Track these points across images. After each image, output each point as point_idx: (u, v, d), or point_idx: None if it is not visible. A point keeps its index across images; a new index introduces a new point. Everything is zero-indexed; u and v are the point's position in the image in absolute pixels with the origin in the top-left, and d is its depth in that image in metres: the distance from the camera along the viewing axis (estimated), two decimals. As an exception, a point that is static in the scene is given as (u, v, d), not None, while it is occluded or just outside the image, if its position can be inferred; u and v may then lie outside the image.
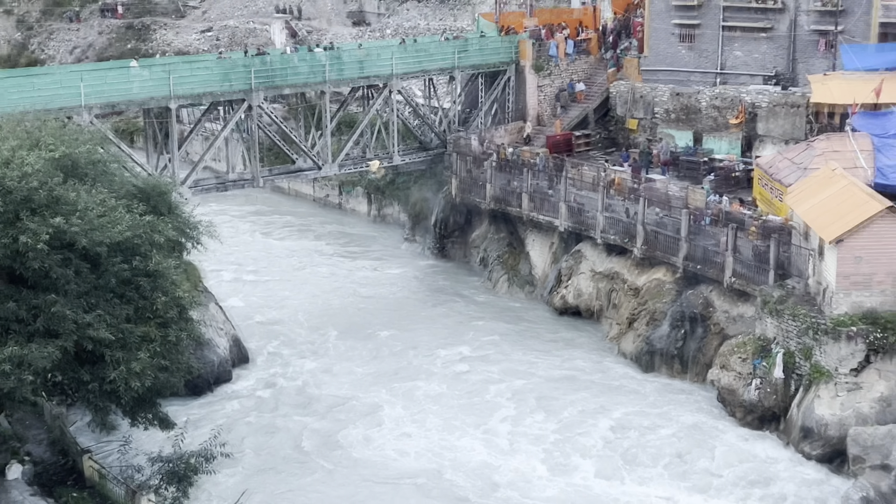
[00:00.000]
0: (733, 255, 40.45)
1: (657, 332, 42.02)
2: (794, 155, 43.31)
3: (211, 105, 48.58)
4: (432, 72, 54.95)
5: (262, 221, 62.91)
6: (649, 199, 44.78)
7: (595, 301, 46.70)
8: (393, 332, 45.95)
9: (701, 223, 42.50)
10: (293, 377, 41.83)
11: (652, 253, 44.31)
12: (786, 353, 36.26)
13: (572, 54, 58.51)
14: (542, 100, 57.38)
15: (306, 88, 51.13)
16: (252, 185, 49.93)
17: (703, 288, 41.92)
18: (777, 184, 42.13)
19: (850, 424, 34.12)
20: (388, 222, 62.06)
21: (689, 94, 53.90)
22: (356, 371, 42.23)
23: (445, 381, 41.13)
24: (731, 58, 54.00)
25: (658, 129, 54.72)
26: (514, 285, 50.92)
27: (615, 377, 41.34)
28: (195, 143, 62.71)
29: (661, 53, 55.96)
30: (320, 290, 51.29)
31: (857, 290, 34.97)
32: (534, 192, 49.95)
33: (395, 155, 53.95)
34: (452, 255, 55.42)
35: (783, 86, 51.67)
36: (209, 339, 40.57)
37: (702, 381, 40.42)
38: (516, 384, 40.66)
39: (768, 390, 36.53)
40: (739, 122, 51.54)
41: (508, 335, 45.49)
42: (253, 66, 47.46)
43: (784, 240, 39.25)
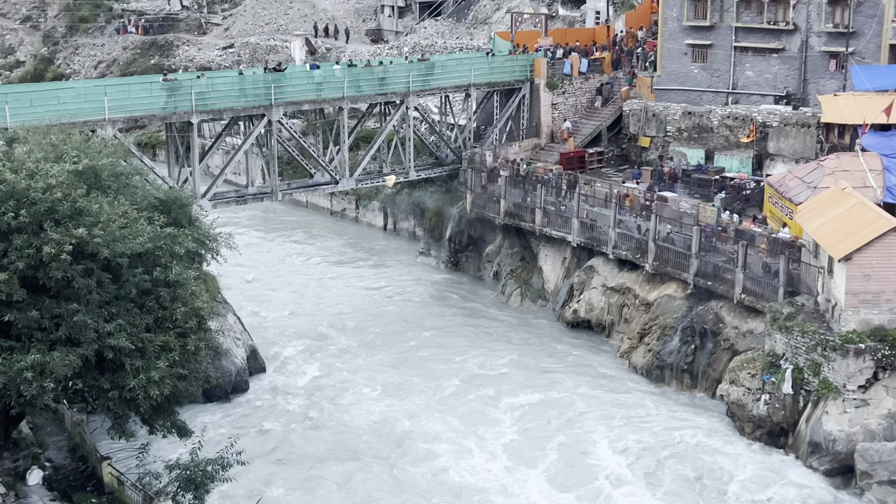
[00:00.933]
0: (743, 272, 40.37)
1: (668, 347, 41.94)
2: (804, 173, 43.24)
3: (232, 120, 48.83)
4: (448, 89, 55.12)
5: (280, 234, 63.07)
6: (661, 216, 44.73)
7: (606, 315, 46.65)
8: (407, 343, 45.97)
9: (711, 240, 42.46)
10: (308, 387, 41.87)
11: (663, 268, 44.26)
12: (795, 368, 36.14)
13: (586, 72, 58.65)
14: (556, 117, 57.48)
15: (325, 104, 51.32)
16: (271, 199, 50.13)
17: (713, 303, 41.84)
18: (787, 202, 42.06)
19: (858, 440, 33.96)
20: (403, 236, 62.17)
21: (701, 112, 53.89)
22: (371, 381, 42.24)
23: (459, 392, 41.10)
24: (743, 77, 53.99)
25: (670, 146, 54.71)
26: (527, 299, 50.92)
27: (626, 391, 41.24)
28: (216, 157, 63.12)
29: (674, 73, 56.01)
30: (336, 302, 51.37)
31: (866, 307, 34.87)
32: (547, 208, 49.98)
33: (410, 170, 54.10)
34: (466, 268, 55.47)
35: (794, 105, 51.65)
36: (227, 349, 40.68)
37: (711, 396, 40.31)
38: (526, 396, 40.59)
39: (777, 405, 36.40)
40: (751, 141, 51.51)
41: (520, 348, 45.46)
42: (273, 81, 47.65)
43: (794, 257, 39.16)
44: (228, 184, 59.69)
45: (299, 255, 59.21)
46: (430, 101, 62.34)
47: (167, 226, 30.12)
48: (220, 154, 64.46)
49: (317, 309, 50.42)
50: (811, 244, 38.29)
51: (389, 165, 54.80)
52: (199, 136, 53.85)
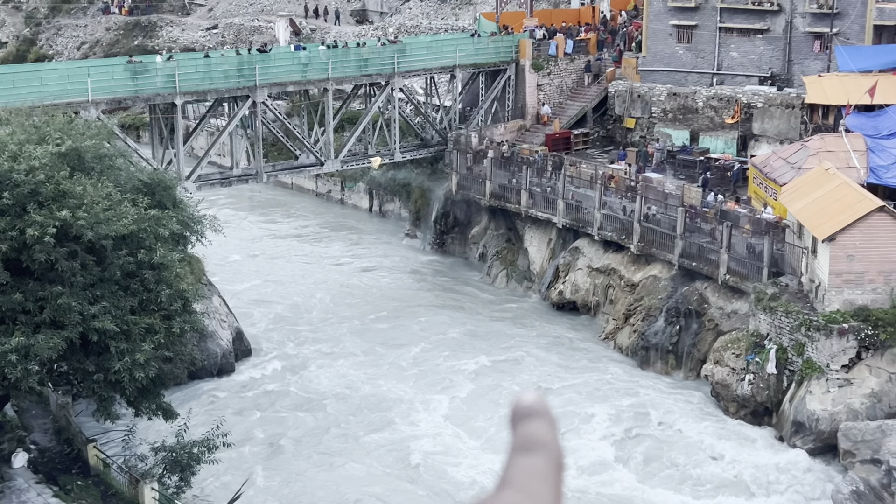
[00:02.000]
0: (728, 252, 40.49)
1: (653, 328, 42.07)
2: (788, 154, 43.33)
3: (216, 101, 48.59)
4: (433, 70, 54.96)
5: (265, 216, 62.91)
6: (646, 197, 44.80)
7: (592, 296, 46.75)
8: (394, 325, 45.98)
9: (696, 221, 42.57)
10: (295, 369, 41.87)
11: (648, 249, 44.36)
12: (779, 348, 36.30)
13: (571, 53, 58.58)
14: (542, 98, 57.43)
15: (309, 85, 51.14)
16: (255, 180, 49.98)
17: (698, 284, 41.96)
18: (771, 182, 42.17)
19: (841, 419, 34.16)
20: (389, 218, 62.09)
21: (686, 93, 53.91)
22: (357, 363, 42.26)
23: (444, 373, 41.17)
24: (728, 58, 54.03)
25: (655, 127, 54.75)
26: (513, 280, 50.98)
27: (611, 371, 41.38)
28: (200, 139, 62.77)
29: (659, 53, 56.00)
30: (322, 284, 51.31)
31: (849, 287, 35.02)
32: (532, 189, 49.99)
33: (396, 151, 53.98)
34: (452, 250, 55.46)
35: (778, 86, 51.73)
36: (212, 331, 40.62)
37: (696, 376, 40.47)
38: (512, 376, 40.69)
39: (761, 385, 36.57)
40: (735, 121, 51.59)
41: (506, 329, 45.54)
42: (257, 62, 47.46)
43: (778, 237, 39.28)
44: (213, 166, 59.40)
45: (285, 237, 59.08)
46: (415, 83, 62.18)
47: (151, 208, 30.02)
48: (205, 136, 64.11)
49: (303, 291, 50.35)
50: (795, 225, 38.42)
51: (374, 147, 54.65)
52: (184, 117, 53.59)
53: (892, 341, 34.55)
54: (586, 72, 58.24)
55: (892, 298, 34.84)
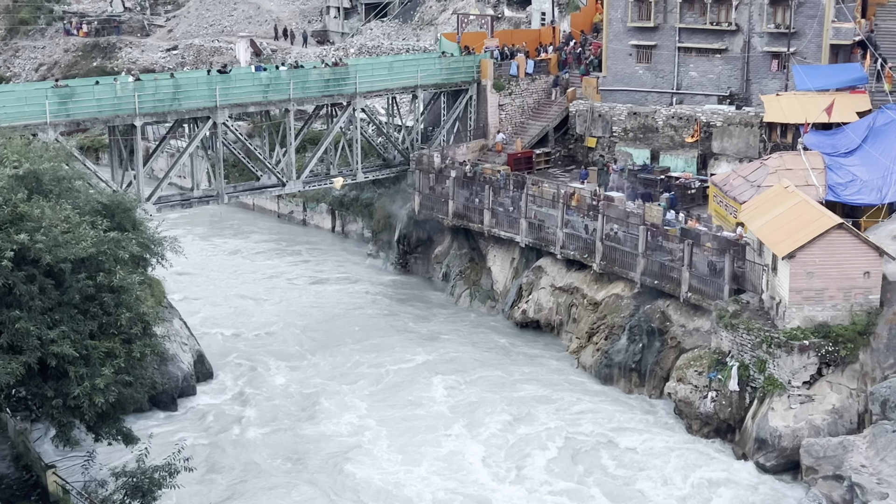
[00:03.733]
0: (689, 270, 40.76)
1: (616, 346, 42.22)
2: (748, 172, 43.78)
3: (176, 122, 48.35)
4: (395, 90, 55.06)
5: (227, 238, 62.57)
6: (608, 216, 45.05)
7: (555, 315, 46.87)
8: (356, 346, 45.81)
9: (658, 239, 42.85)
10: (256, 392, 41.59)
11: (610, 268, 44.57)
12: (740, 365, 36.54)
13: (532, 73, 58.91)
14: (504, 118, 57.66)
15: (271, 106, 51.05)
16: (217, 202, 49.71)
17: (660, 302, 42.19)
18: (731, 200, 42.55)
19: (804, 436, 34.42)
20: (351, 238, 62.00)
21: (646, 112, 54.38)
22: (319, 385, 42.04)
23: (408, 394, 41.03)
24: (687, 78, 54.59)
25: (616, 146, 55.13)
26: (476, 300, 51.02)
27: (575, 390, 41.45)
28: (160, 160, 62.48)
29: (619, 73, 56.47)
30: (284, 306, 51.08)
31: (810, 304, 35.34)
32: (495, 209, 50.11)
33: (358, 172, 53.94)
34: (415, 270, 55.45)
35: (737, 105, 52.34)
36: (173, 355, 40.29)
37: (659, 394, 40.66)
38: (475, 397, 40.63)
39: (724, 402, 36.79)
40: (695, 140, 52.08)
41: (469, 349, 45.52)
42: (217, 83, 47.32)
43: (739, 255, 39.61)
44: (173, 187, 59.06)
45: (246, 258, 58.76)
46: (377, 103, 62.24)
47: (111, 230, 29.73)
48: (165, 157, 63.81)
49: (264, 312, 50.08)
50: (755, 242, 38.76)
51: (337, 167, 54.59)
52: (143, 138, 53.27)
53: (853, 357, 34.91)
54: (554, 87, 58.51)
55: (851, 315, 35.21)
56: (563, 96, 57.85)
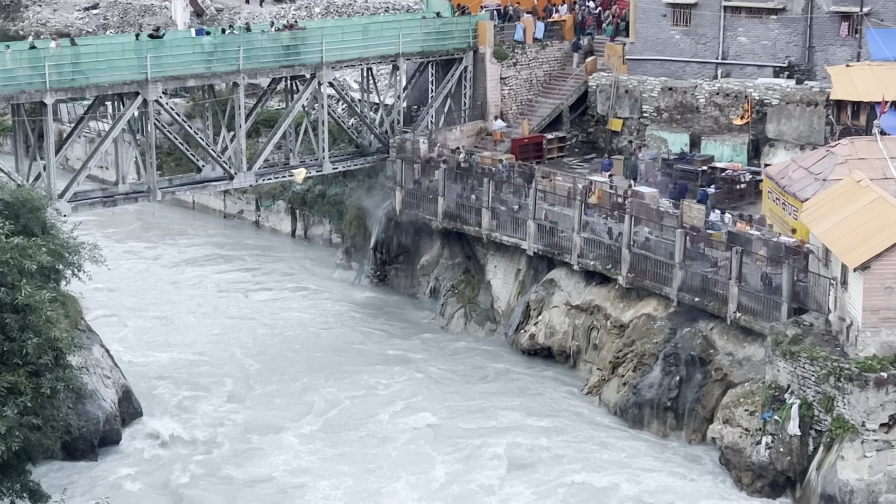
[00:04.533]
0: (738, 285, 40.83)
1: (646, 380, 42.26)
2: (810, 163, 43.90)
3: (96, 99, 48.30)
4: (371, 59, 55.06)
5: (160, 244, 62.49)
6: (637, 216, 45.11)
7: (571, 341, 46.90)
8: (321, 381, 45.75)
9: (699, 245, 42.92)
10: (195, 436, 41.55)
11: (640, 282, 44.61)
12: (802, 403, 36.59)
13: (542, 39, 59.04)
14: (507, 94, 57.77)
15: (215, 79, 51.00)
16: (148, 199, 49.64)
17: (702, 325, 42.24)
18: (790, 198, 42.65)
19: (881, 492, 34.47)
20: (316, 244, 61.97)
21: (684, 88, 54.51)
22: (272, 430, 41.99)
23: (385, 444, 40.99)
24: (735, 45, 54.74)
25: (647, 130, 55.22)
26: (473, 322, 51.05)
27: (595, 435, 41.45)
28: (77, 147, 62.34)
29: (651, 39, 56.61)
30: (231, 330, 51.03)
31: (888, 326, 35.41)
32: (496, 208, 50.14)
33: (325, 161, 53.92)
34: (396, 284, 55.45)
35: (797, 78, 52.48)
36: (93, 390, 40.20)
37: (701, 439, 40.70)
38: (475, 448, 40.56)
39: (781, 450, 36.83)
40: (745, 123, 52.20)
41: (464, 384, 45.51)
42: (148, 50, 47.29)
43: (799, 266, 39.68)
44: (93, 181, 59.03)
45: (185, 270, 58.71)
46: (348, 76, 62.25)
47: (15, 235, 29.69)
48: (83, 143, 63.74)
49: (208, 338, 50.04)
50: (820, 250, 38.85)
51: (298, 156, 54.57)
52: (56, 120, 53.22)
53: (942, 393, 35.02)
54: (575, 51, 58.59)
55: (940, 340, 35.35)
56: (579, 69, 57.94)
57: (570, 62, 59.28)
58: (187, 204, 67.76)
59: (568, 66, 59.16)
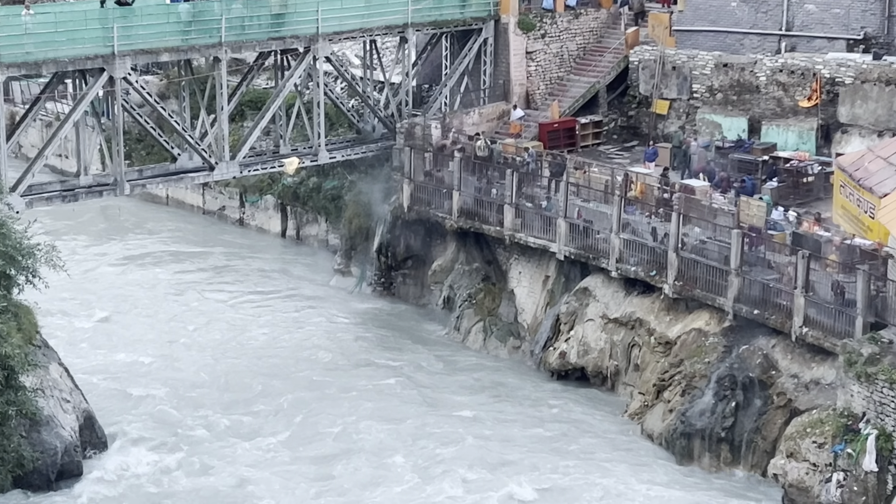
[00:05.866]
0: (805, 295, 40.80)
1: (697, 406, 42.27)
2: (890, 152, 43.84)
3: (55, 76, 48.40)
4: (375, 31, 55.08)
5: (129, 245, 62.66)
6: (686, 215, 45.10)
7: (608, 360, 46.94)
8: (314, 409, 45.76)
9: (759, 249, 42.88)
10: (165, 470, 41.60)
11: (690, 291, 44.62)
12: (880, 434, 36.55)
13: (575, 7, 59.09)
14: (534, 71, 57.75)
15: (193, 53, 51.07)
16: (114, 193, 49.74)
17: (762, 342, 42.23)
18: (867, 193, 42.60)
19: (973, 538, 34.47)
20: (310, 246, 62.11)
21: (741, 64, 54.50)
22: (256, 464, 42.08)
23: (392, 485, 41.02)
24: (802, 13, 54.71)
25: (698, 113, 55.23)
26: (493, 337, 51.09)
27: (637, 470, 41.46)
28: (32, 132, 62.50)
29: (703, 7, 56.63)
30: (210, 347, 51.11)
31: (981, 344, 35.41)
32: (521, 204, 50.15)
33: (321, 150, 53.98)
34: (403, 293, 55.54)
35: (875, 53, 52.37)
36: (49, 416, 40.21)
37: (761, 475, 40.70)
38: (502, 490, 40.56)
39: (855, 488, 36.78)
40: (814, 105, 52.15)
41: (485, 412, 45.51)
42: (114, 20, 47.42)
43: (877, 273, 39.62)
44: (51, 171, 59.16)
45: (158, 276, 58.84)
46: (348, 49, 62.33)
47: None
48: (39, 127, 63.91)
49: (182, 356, 50.14)
50: (902, 254, 38.84)
51: (290, 144, 54.63)
52: (8, 100, 53.34)
53: None
54: (623, 6, 58.46)
55: None
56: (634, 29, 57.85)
57: (608, 34, 59.24)
58: (160, 199, 67.96)
59: (606, 38, 59.13)
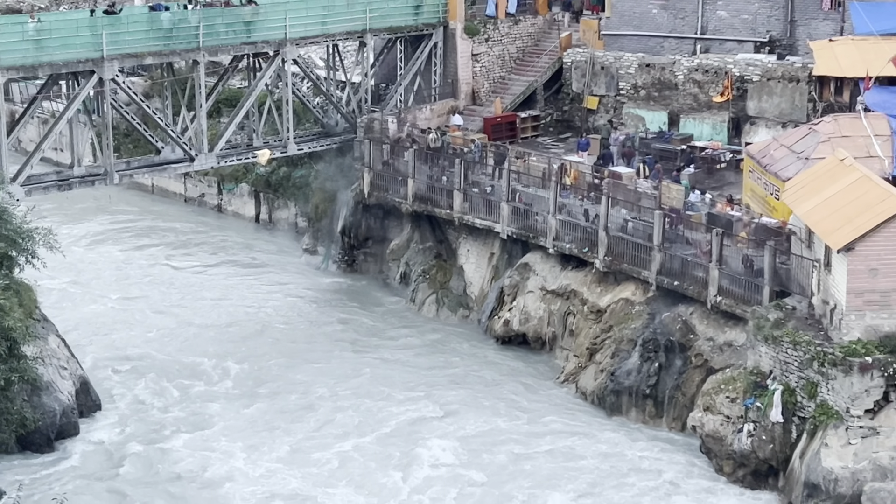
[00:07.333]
0: (719, 268, 41.01)
1: (624, 366, 42.43)
2: (793, 141, 44.04)
3: (50, 78, 48.04)
4: (337, 36, 54.93)
5: (119, 229, 62.29)
6: (614, 198, 45.23)
7: (546, 327, 47.02)
8: (284, 372, 45.73)
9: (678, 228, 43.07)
10: (159, 433, 41.41)
11: (618, 265, 44.75)
12: (785, 390, 36.79)
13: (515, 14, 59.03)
14: (479, 71, 57.76)
15: (174, 57, 50.77)
16: (105, 182, 49.44)
17: (681, 309, 42.41)
18: (772, 177, 42.82)
19: (866, 479, 34.68)
20: (281, 228, 61.90)
21: (662, 64, 54.62)
22: (234, 422, 41.99)
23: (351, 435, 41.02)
24: (715, 19, 54.86)
25: (624, 108, 55.34)
26: (445, 307, 51.11)
27: (572, 423, 41.62)
28: (30, 128, 62.02)
29: (628, 13, 56.68)
30: (195, 320, 50.92)
31: (873, 310, 35.59)
32: (468, 190, 50.16)
33: (289, 142, 53.83)
34: (365, 269, 55.44)
35: (779, 54, 52.61)
36: (49, 382, 40.04)
37: (681, 427, 40.90)
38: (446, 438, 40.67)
39: (764, 437, 37.02)
40: (726, 100, 52.35)
41: (437, 372, 45.59)
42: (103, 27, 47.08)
43: (782, 248, 39.88)
44: (47, 163, 58.72)
45: (144, 257, 58.54)
46: (313, 53, 62.08)
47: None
48: (36, 124, 63.40)
49: (169, 329, 49.92)
50: (803, 231, 39.04)
51: (262, 137, 54.45)
52: (7, 100, 52.89)
53: (928, 378, 35.27)
54: (565, 10, 58.45)
55: (926, 323, 35.59)
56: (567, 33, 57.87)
57: (544, 38, 59.22)
58: (146, 187, 67.59)
59: (543, 42, 59.16)
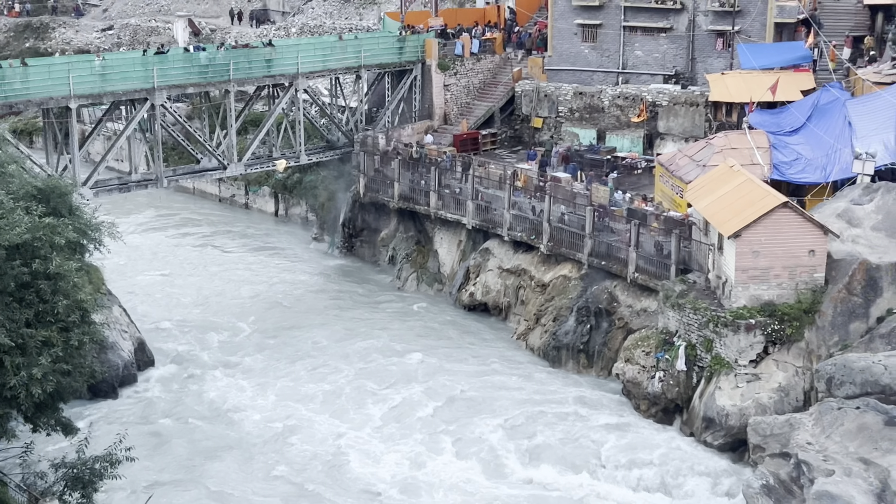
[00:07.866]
0: (636, 251, 41.14)
1: (563, 328, 42.54)
2: (693, 152, 44.21)
3: (112, 104, 47.75)
4: (338, 70, 54.78)
5: (167, 223, 61.97)
6: (555, 197, 45.30)
7: (503, 297, 47.07)
8: (300, 332, 45.68)
9: (605, 220, 43.16)
10: (199, 380, 41.34)
11: (558, 249, 44.83)
12: (688, 345, 36.99)
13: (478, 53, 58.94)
14: (449, 98, 57.66)
15: (210, 87, 50.58)
16: (156, 186, 49.18)
17: (607, 283, 42.54)
18: (677, 180, 42.97)
19: (750, 414, 34.91)
20: (295, 222, 61.72)
21: (592, 92, 54.67)
22: (263, 373, 41.89)
23: (354, 381, 41.02)
24: (633, 57, 54.94)
25: (563, 127, 55.39)
26: (423, 283, 51.08)
27: (523, 372, 41.70)
28: (96, 143, 61.64)
29: (565, 53, 56.69)
30: (226, 292, 50.75)
31: (755, 283, 35.82)
32: (441, 191, 50.14)
33: (301, 154, 53.67)
34: (361, 254, 55.35)
35: (682, 84, 52.78)
36: (113, 342, 39.90)
37: (608, 375, 41.04)
38: (423, 382, 40.72)
39: (671, 382, 37.23)
40: (641, 120, 52.49)
41: (417, 333, 45.58)
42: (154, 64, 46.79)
43: (685, 235, 40.04)
44: (111, 171, 58.38)
45: (187, 244, 58.26)
46: (319, 84, 61.90)
47: (46, 215, 29.30)
48: (102, 140, 62.99)
49: (206, 299, 49.74)
50: (701, 222, 39.21)
51: (279, 150, 54.28)
52: (79, 121, 52.55)
53: (798, 336, 35.49)
54: (519, 48, 58.55)
55: (797, 293, 35.77)
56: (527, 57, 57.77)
57: (500, 72, 59.18)
58: (188, 190, 67.26)
59: (499, 75, 59.11)
